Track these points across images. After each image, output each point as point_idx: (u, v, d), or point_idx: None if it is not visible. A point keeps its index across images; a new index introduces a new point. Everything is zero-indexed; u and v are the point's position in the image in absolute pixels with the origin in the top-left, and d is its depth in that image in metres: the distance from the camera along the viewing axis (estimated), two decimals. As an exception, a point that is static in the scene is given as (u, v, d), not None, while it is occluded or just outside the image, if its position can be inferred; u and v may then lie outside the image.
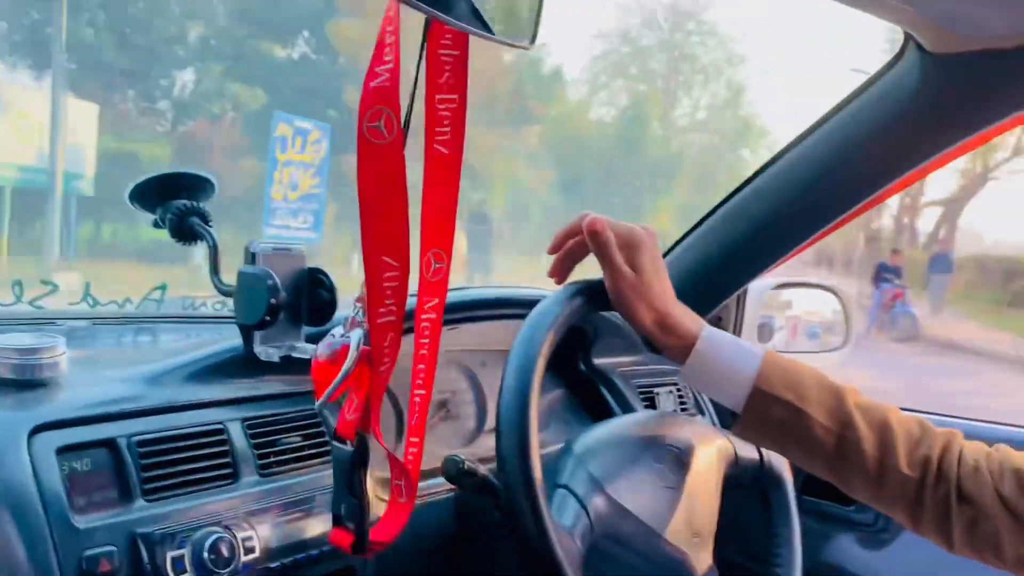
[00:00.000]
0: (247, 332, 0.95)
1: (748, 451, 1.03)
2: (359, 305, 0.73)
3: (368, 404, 0.74)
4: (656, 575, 0.92)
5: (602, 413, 1.35)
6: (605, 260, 0.87)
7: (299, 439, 0.98)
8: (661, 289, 0.87)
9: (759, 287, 1.52)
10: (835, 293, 1.58)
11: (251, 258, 0.94)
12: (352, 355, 0.72)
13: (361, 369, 0.73)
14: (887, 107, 1.12)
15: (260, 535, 0.88)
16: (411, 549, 1.05)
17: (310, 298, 0.96)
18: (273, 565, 0.89)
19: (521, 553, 0.80)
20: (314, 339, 0.99)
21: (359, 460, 0.76)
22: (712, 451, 0.99)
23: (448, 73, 0.68)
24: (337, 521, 0.81)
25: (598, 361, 1.39)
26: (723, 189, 1.35)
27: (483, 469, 0.94)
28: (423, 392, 0.75)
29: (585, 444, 0.93)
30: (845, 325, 1.60)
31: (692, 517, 0.94)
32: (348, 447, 0.76)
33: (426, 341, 0.74)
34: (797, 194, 1.29)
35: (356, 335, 0.72)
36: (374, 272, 0.68)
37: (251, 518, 0.88)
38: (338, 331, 0.76)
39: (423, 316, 0.73)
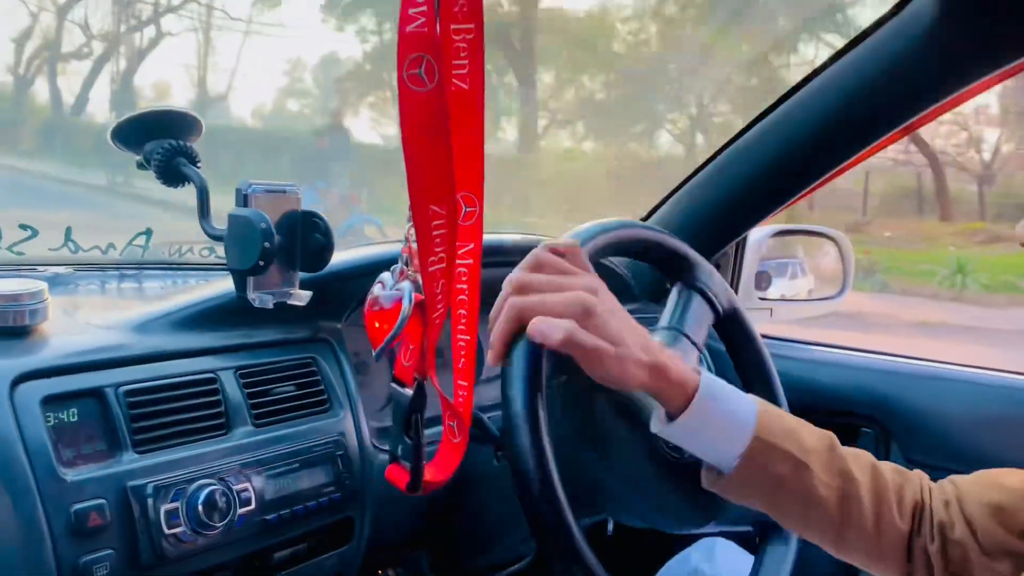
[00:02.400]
0: (240, 278, 0.92)
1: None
2: (406, 255, 0.73)
3: (424, 351, 0.75)
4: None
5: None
6: (575, 353, 0.69)
7: (294, 388, 0.95)
8: (640, 342, 0.72)
9: (758, 235, 1.49)
10: (835, 240, 1.55)
11: (243, 200, 0.89)
12: (406, 307, 0.71)
13: (414, 318, 0.73)
14: (899, 47, 1.08)
15: (256, 487, 0.85)
16: (406, 498, 1.02)
17: (304, 242, 0.93)
18: (269, 517, 0.86)
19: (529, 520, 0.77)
20: (306, 284, 0.96)
21: (418, 404, 0.76)
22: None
23: (463, 0, 0.63)
24: (392, 460, 0.80)
25: None
26: None
27: (484, 418, 0.92)
28: (467, 338, 0.75)
29: None
30: (843, 274, 1.58)
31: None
32: (406, 391, 0.76)
33: (464, 287, 0.73)
34: (800, 140, 1.26)
35: (407, 287, 0.72)
36: (423, 221, 0.67)
37: (246, 469, 0.85)
38: (387, 280, 0.75)
39: (459, 262, 0.71)
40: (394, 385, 0.77)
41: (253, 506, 0.84)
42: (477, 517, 1.09)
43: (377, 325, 0.73)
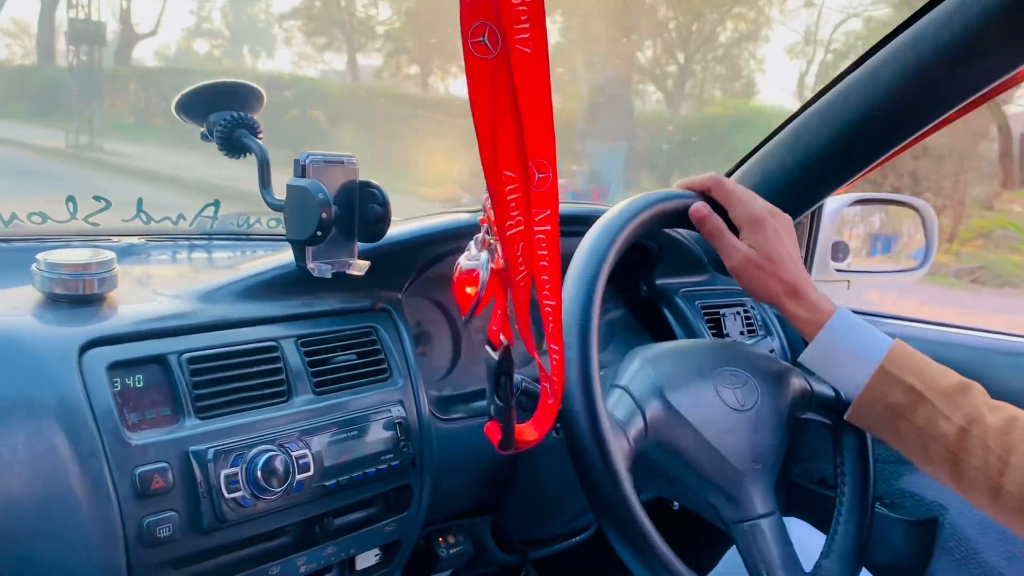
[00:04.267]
0: (299, 248, 0.93)
1: (823, 390, 0.98)
2: (485, 225, 0.75)
3: (508, 316, 0.76)
4: (709, 495, 0.89)
5: (664, 335, 1.30)
6: (718, 243, 0.91)
7: (354, 356, 0.96)
8: (789, 263, 0.89)
9: (835, 203, 1.44)
10: (917, 209, 1.48)
11: (301, 171, 0.90)
12: (483, 275, 0.74)
13: (495, 284, 0.75)
14: (980, 9, 1.01)
15: (315, 453, 0.86)
16: (465, 467, 1.04)
17: (362, 212, 0.93)
18: (328, 483, 0.88)
19: (574, 459, 0.78)
20: (365, 255, 0.96)
21: (503, 368, 0.77)
22: (786, 385, 0.94)
23: None
24: (490, 419, 0.82)
25: (660, 281, 1.34)
26: None
27: (539, 388, 0.92)
28: (552, 303, 0.75)
29: (652, 352, 0.90)
30: (926, 244, 1.51)
31: (756, 444, 0.90)
32: (494, 354, 0.78)
33: (544, 253, 0.73)
34: (877, 106, 1.20)
35: (483, 256, 0.75)
36: (497, 187, 0.68)
37: (305, 436, 0.87)
38: (472, 248, 0.77)
39: (536, 229, 0.71)
40: (488, 348, 0.78)
41: (312, 472, 0.86)
42: (536, 488, 1.09)
43: (469, 291, 0.75)
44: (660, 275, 1.34)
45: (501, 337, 0.77)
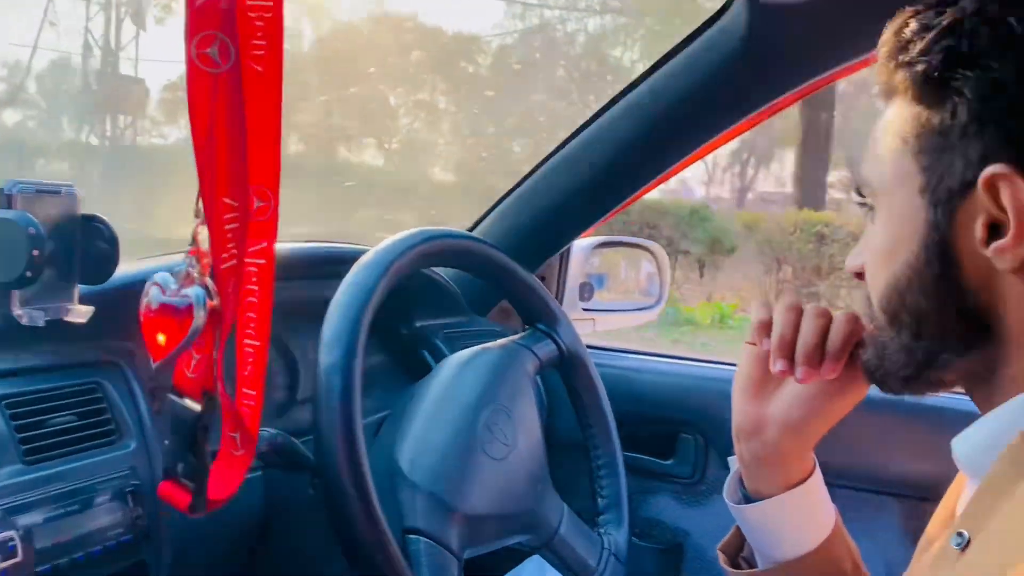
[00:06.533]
0: (3, 292, 0.79)
1: (547, 351, 1.04)
2: (192, 258, 0.66)
3: (213, 361, 0.69)
4: (516, 539, 0.90)
5: (425, 378, 1.28)
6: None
7: (73, 418, 0.83)
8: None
9: (582, 245, 1.50)
10: (652, 252, 1.60)
11: (7, 201, 0.77)
12: (200, 316, 0.65)
13: (205, 327, 0.67)
14: (713, 59, 1.11)
15: (23, 535, 0.73)
16: (214, 533, 0.94)
17: (84, 250, 0.82)
18: (42, 568, 0.75)
19: (347, 547, 0.74)
20: (87, 299, 0.85)
21: (207, 419, 0.70)
22: (524, 381, 0.97)
23: None
24: (166, 477, 0.73)
25: (420, 323, 1.32)
26: None
27: (297, 444, 0.87)
28: (256, 343, 0.69)
29: (412, 459, 0.87)
30: (660, 285, 1.62)
31: (531, 472, 0.92)
32: (190, 403, 0.70)
33: (255, 288, 0.68)
34: (620, 150, 1.27)
35: (196, 293, 0.65)
36: (215, 216, 0.62)
37: (13, 516, 0.73)
38: (168, 284, 0.67)
39: (250, 261, 0.65)
40: (173, 397, 0.71)
41: (21, 557, 0.72)
42: (290, 552, 1.01)
43: (163, 339, 0.65)
44: (419, 316, 1.31)
45: (213, 388, 0.70)
